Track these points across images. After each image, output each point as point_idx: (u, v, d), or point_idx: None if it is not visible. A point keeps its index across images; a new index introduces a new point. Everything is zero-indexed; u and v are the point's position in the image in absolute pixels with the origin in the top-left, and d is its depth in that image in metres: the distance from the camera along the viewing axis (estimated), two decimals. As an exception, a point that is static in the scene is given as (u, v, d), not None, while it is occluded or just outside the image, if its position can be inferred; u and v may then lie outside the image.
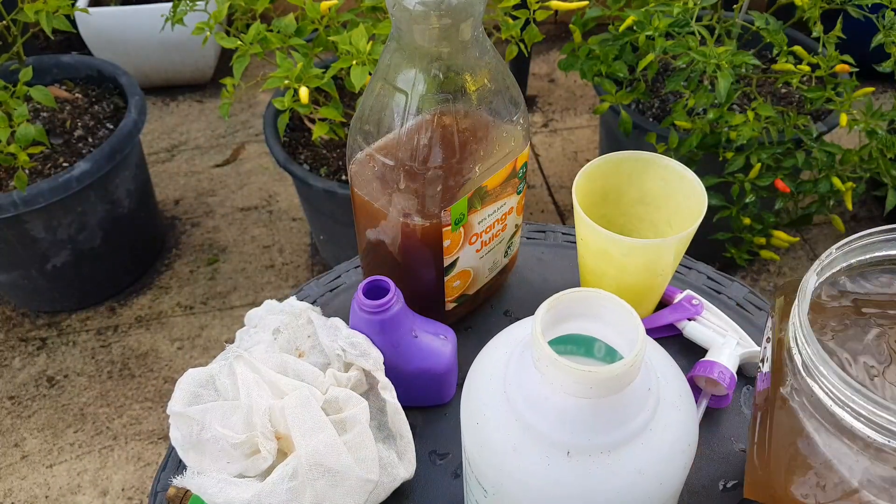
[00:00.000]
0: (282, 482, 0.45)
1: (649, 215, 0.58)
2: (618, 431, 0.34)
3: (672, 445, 0.35)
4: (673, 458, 0.36)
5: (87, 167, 1.27)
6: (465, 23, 0.44)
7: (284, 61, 1.05)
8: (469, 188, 0.51)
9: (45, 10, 1.18)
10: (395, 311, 0.50)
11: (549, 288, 0.65)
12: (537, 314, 0.35)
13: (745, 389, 0.57)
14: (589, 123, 1.87)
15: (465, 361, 0.59)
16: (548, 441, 0.35)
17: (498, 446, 0.36)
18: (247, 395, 0.48)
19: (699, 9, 1.10)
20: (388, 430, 0.51)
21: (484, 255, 0.57)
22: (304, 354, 0.52)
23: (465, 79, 0.48)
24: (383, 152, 0.50)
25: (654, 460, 0.35)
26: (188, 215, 1.68)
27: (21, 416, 1.34)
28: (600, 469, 0.34)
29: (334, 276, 0.68)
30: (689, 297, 0.60)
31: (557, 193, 1.70)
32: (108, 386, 1.38)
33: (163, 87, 1.99)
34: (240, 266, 1.57)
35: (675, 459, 0.36)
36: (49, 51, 2.00)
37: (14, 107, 1.18)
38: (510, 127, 0.52)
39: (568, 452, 0.34)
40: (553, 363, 0.33)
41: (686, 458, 0.36)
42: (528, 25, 1.11)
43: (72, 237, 1.35)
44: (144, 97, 1.42)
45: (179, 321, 1.47)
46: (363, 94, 0.59)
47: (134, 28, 1.80)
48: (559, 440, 0.34)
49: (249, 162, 1.80)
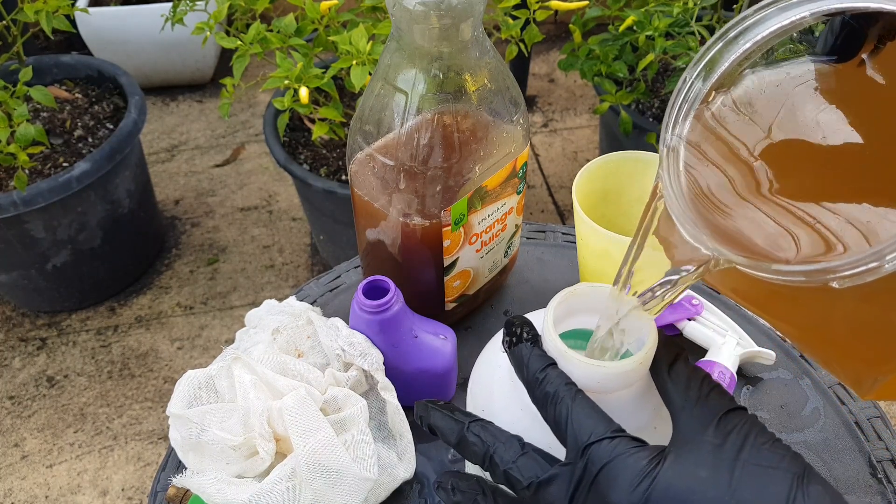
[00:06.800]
0: (280, 482, 0.45)
1: (649, 215, 0.58)
2: (624, 427, 0.34)
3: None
4: None
5: (87, 167, 1.27)
6: (465, 23, 0.44)
7: (284, 61, 1.05)
8: (469, 188, 0.51)
9: (45, 10, 1.18)
10: (395, 311, 0.50)
11: (549, 288, 0.65)
12: (549, 307, 0.35)
13: (745, 389, 0.57)
14: (589, 123, 1.87)
15: (465, 361, 0.59)
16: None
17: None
18: (244, 398, 0.48)
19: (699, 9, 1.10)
20: (388, 430, 0.51)
21: (484, 255, 0.57)
22: (304, 355, 0.52)
23: (465, 79, 0.48)
24: (383, 152, 0.50)
25: None
26: (188, 215, 1.68)
27: (21, 416, 1.34)
28: None
29: (334, 276, 0.68)
30: (689, 297, 0.60)
31: (557, 193, 1.70)
32: (108, 386, 1.38)
33: (163, 87, 1.99)
34: (240, 266, 1.57)
35: None
36: (49, 51, 2.00)
37: (14, 107, 1.18)
38: (510, 127, 0.52)
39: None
40: (563, 356, 0.34)
41: None
42: (528, 25, 1.11)
43: (72, 237, 1.35)
44: (144, 97, 1.42)
45: (179, 321, 1.47)
46: (363, 94, 0.59)
47: (134, 28, 1.80)
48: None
49: (249, 162, 1.80)
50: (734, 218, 0.30)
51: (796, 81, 0.31)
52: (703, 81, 0.31)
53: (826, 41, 0.30)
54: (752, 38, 0.29)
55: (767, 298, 0.31)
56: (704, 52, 0.31)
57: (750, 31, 0.30)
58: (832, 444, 0.54)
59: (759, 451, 0.30)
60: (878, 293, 0.26)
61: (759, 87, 0.31)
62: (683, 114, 0.31)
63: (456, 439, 0.35)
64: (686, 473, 0.30)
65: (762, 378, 0.58)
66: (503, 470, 0.33)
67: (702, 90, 0.31)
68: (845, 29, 0.29)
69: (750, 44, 0.30)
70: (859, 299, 0.27)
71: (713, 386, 0.33)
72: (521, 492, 0.33)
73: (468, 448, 0.35)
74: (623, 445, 0.31)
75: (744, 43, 0.30)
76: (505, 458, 0.33)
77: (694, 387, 0.33)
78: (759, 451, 0.30)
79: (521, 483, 0.33)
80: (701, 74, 0.31)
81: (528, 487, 0.33)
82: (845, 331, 0.30)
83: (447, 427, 0.36)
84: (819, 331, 0.31)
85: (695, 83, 0.31)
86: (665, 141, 0.32)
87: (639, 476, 0.30)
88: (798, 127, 0.30)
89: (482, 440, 0.34)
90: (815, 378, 0.58)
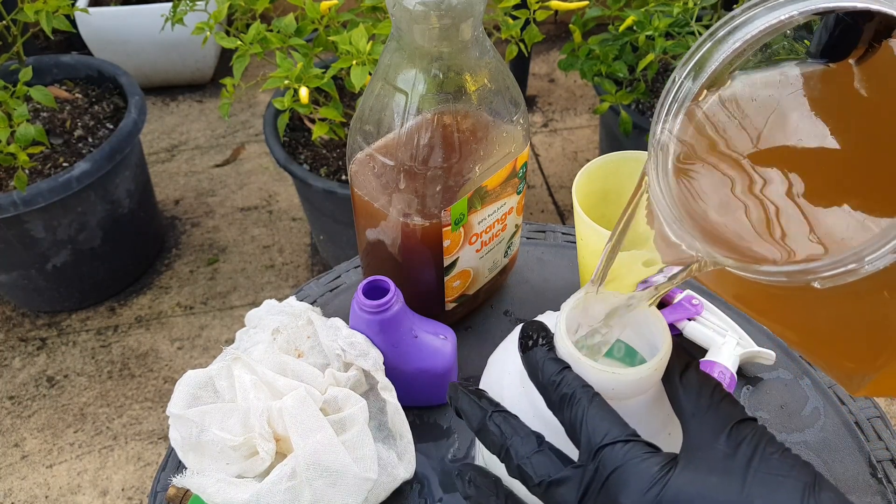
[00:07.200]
0: (280, 482, 0.45)
1: (649, 215, 0.58)
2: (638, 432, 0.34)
3: None
4: None
5: (87, 167, 1.27)
6: (465, 23, 0.44)
7: (284, 61, 1.05)
8: (469, 188, 0.51)
9: (45, 10, 1.18)
10: (395, 311, 0.50)
11: (549, 288, 0.65)
12: (561, 312, 0.35)
13: (745, 389, 0.57)
14: (589, 123, 1.87)
15: (466, 361, 0.59)
16: (566, 436, 0.34)
17: None
18: (244, 398, 0.48)
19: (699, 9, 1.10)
20: (388, 430, 0.51)
21: (484, 255, 0.57)
22: (304, 355, 0.52)
23: (465, 79, 0.48)
24: (383, 152, 0.50)
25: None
26: (188, 215, 1.68)
27: (21, 416, 1.34)
28: None
29: (334, 276, 0.68)
30: (689, 297, 0.60)
31: (557, 193, 1.70)
32: (108, 386, 1.38)
33: (163, 87, 1.99)
34: (240, 266, 1.57)
35: None
36: (49, 51, 2.00)
37: (14, 107, 1.18)
38: (510, 127, 0.52)
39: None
40: (577, 362, 0.33)
41: None
42: (528, 25, 1.11)
43: (72, 237, 1.35)
44: (144, 97, 1.42)
45: (179, 321, 1.47)
46: (363, 94, 0.59)
47: (134, 28, 1.80)
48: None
49: (249, 162, 1.80)
50: (719, 217, 0.30)
51: (787, 86, 0.31)
52: (692, 81, 0.31)
53: (821, 37, 0.30)
54: (742, 36, 0.30)
55: (755, 297, 0.32)
56: (694, 52, 0.31)
57: (739, 30, 0.30)
58: (832, 444, 0.54)
59: (770, 460, 0.30)
60: (860, 293, 0.26)
61: (750, 89, 0.31)
62: (673, 113, 0.31)
63: (477, 426, 0.35)
64: (697, 480, 0.30)
65: (762, 378, 0.58)
66: (517, 464, 0.33)
67: (691, 89, 0.31)
68: (840, 24, 0.29)
69: (739, 42, 0.30)
70: (843, 299, 0.27)
71: (724, 395, 0.33)
72: (533, 489, 0.33)
73: (487, 436, 0.35)
74: (636, 450, 0.31)
75: (733, 42, 0.30)
76: (521, 452, 0.33)
77: (705, 395, 0.33)
78: (769, 460, 0.30)
79: (533, 480, 0.33)
80: (690, 74, 0.31)
81: (539, 485, 0.33)
82: (831, 330, 0.30)
83: (472, 412, 0.36)
84: (807, 329, 0.31)
85: (684, 83, 0.31)
86: (654, 136, 0.32)
87: (649, 481, 0.30)
88: (787, 131, 0.30)
89: (501, 431, 0.34)
90: (815, 378, 0.58)
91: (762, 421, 0.55)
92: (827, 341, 0.31)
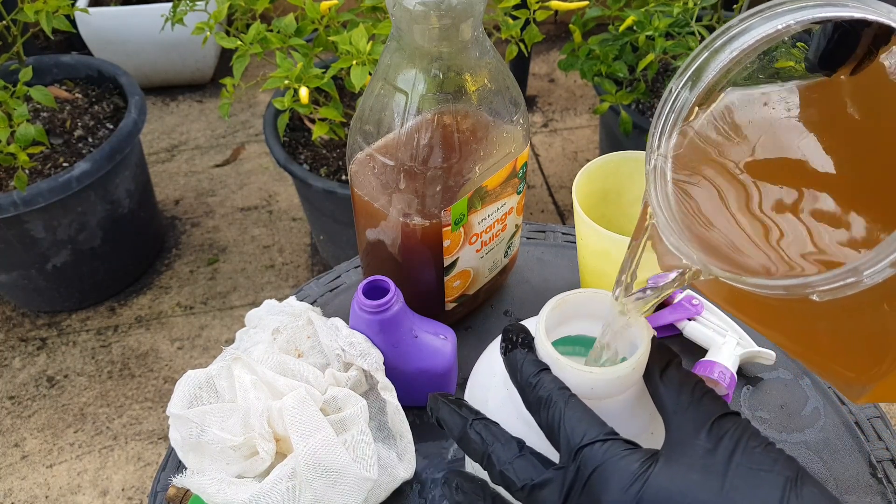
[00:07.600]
0: (280, 482, 0.45)
1: (649, 215, 0.58)
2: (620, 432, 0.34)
3: None
4: None
5: (87, 167, 1.27)
6: (465, 23, 0.44)
7: (284, 61, 1.05)
8: (469, 188, 0.51)
9: (45, 10, 1.18)
10: (395, 311, 0.50)
11: (549, 288, 0.65)
12: (541, 314, 0.35)
13: (745, 389, 0.57)
14: (589, 123, 1.87)
15: (465, 361, 0.59)
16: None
17: None
18: (244, 398, 0.48)
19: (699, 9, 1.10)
20: (389, 430, 0.51)
21: (484, 255, 0.57)
22: (304, 355, 0.52)
23: (465, 79, 0.48)
24: (383, 152, 0.50)
25: None
26: (188, 215, 1.68)
27: (21, 416, 1.34)
28: None
29: (334, 276, 0.68)
30: (689, 297, 0.60)
31: (557, 193, 1.70)
32: (108, 386, 1.38)
33: (163, 87, 1.99)
34: (240, 266, 1.57)
35: None
36: (49, 51, 2.00)
37: (14, 107, 1.18)
38: (510, 127, 0.52)
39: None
40: (556, 363, 0.33)
41: None
42: (528, 25, 1.11)
43: (72, 237, 1.35)
44: (144, 97, 1.42)
45: (179, 321, 1.47)
46: (363, 94, 0.59)
47: (134, 28, 1.81)
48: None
49: (249, 162, 1.80)
50: (719, 231, 0.30)
51: (782, 102, 0.31)
52: (689, 91, 0.31)
53: (819, 44, 0.30)
54: (739, 46, 0.30)
55: (755, 308, 0.32)
56: (690, 62, 0.31)
57: (736, 40, 0.30)
58: (832, 444, 0.54)
59: (752, 454, 0.30)
60: (860, 305, 0.26)
61: (743, 105, 0.31)
62: (671, 124, 0.31)
63: (458, 435, 0.35)
64: (678, 476, 0.30)
65: (762, 378, 0.58)
66: (499, 470, 0.33)
67: (689, 99, 0.31)
68: (838, 30, 0.29)
69: (737, 52, 0.30)
70: (842, 311, 0.28)
71: (705, 391, 0.33)
72: (516, 493, 0.33)
73: (469, 445, 0.35)
74: (615, 448, 0.31)
75: (730, 52, 0.30)
76: (502, 458, 0.33)
77: (686, 391, 0.33)
78: (751, 454, 0.30)
79: (516, 485, 0.33)
80: (688, 84, 0.31)
81: (522, 489, 0.33)
82: (831, 341, 0.30)
83: (452, 422, 0.36)
84: (806, 340, 0.32)
85: (681, 93, 0.31)
86: (649, 162, 0.32)
87: (630, 478, 0.30)
88: (783, 145, 0.30)
89: (482, 438, 0.34)
90: (815, 378, 0.58)
91: (762, 421, 0.55)
92: (826, 352, 0.31)
